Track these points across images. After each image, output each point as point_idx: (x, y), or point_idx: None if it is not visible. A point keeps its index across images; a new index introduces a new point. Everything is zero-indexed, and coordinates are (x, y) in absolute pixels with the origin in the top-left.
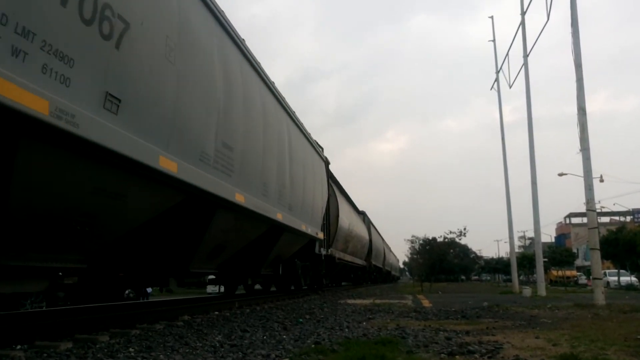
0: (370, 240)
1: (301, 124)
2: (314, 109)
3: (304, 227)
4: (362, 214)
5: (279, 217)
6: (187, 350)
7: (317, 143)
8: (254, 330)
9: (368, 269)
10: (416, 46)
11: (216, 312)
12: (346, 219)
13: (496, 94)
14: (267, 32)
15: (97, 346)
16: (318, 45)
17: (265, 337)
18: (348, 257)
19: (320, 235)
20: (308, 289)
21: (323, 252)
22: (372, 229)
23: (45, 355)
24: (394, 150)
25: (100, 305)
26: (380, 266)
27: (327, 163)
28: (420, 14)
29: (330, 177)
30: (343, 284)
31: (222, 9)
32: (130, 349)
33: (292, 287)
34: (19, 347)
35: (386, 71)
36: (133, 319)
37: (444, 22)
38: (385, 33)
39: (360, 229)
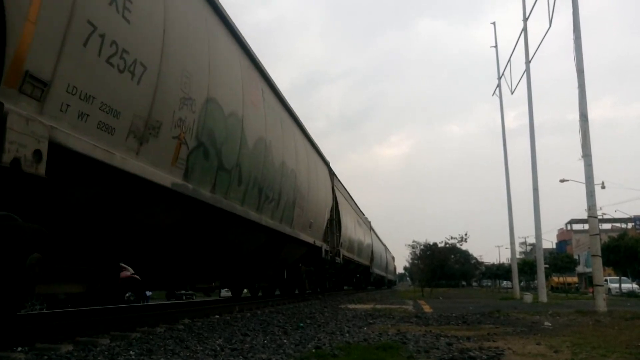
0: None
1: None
2: (318, 113)
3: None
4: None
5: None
6: (188, 354)
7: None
8: (254, 334)
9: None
10: (422, 51)
11: (217, 316)
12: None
13: (499, 100)
14: (273, 36)
15: (98, 349)
16: (324, 50)
17: (265, 342)
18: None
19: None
20: (312, 292)
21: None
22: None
23: (45, 357)
24: (398, 155)
25: (100, 308)
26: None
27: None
28: (426, 19)
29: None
30: (345, 287)
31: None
32: (131, 352)
33: (297, 291)
34: (19, 349)
35: (391, 76)
36: (134, 322)
37: (450, 28)
38: (391, 38)
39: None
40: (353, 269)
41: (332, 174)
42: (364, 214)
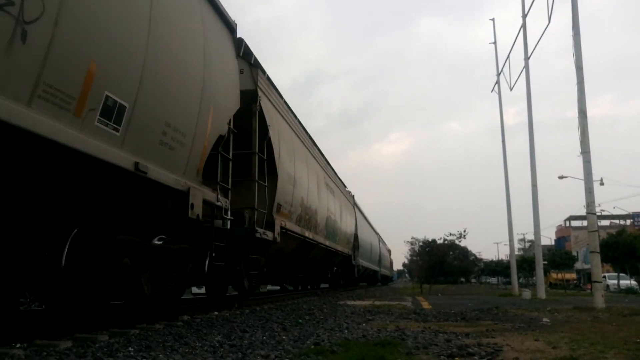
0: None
1: None
2: (319, 112)
3: None
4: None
5: None
6: (187, 350)
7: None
8: (253, 331)
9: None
10: (423, 49)
11: (215, 313)
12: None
13: (498, 96)
14: (274, 35)
15: (97, 345)
16: (324, 50)
17: (264, 338)
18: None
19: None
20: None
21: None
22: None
23: (44, 353)
24: (397, 152)
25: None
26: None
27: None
28: (425, 18)
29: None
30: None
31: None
32: (130, 348)
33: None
34: (18, 345)
35: (391, 75)
36: (132, 319)
37: (450, 27)
38: (392, 37)
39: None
40: (321, 258)
41: (238, 41)
42: (346, 186)
